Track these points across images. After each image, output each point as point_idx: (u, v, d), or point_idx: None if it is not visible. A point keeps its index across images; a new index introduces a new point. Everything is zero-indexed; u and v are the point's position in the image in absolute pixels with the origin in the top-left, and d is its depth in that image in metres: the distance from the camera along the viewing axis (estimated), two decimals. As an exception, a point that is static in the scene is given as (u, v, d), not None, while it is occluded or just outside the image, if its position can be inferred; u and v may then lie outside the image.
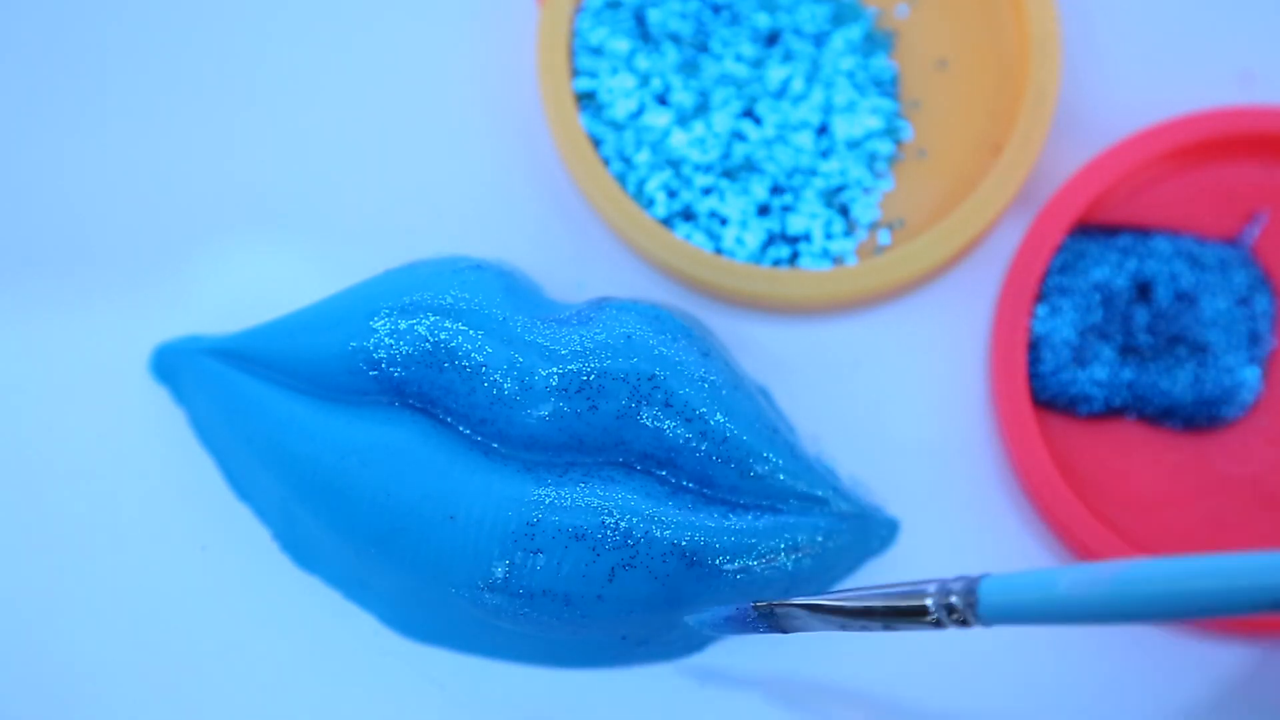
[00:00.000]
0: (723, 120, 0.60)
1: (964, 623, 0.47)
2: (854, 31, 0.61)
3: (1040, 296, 0.59)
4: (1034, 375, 0.58)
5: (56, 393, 0.59)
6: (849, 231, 0.60)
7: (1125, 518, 0.58)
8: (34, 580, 0.58)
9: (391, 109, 0.62)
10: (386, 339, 0.54)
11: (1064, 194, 0.59)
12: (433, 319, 0.54)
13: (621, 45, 0.60)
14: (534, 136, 0.62)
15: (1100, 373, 0.58)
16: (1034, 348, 0.59)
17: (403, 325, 0.54)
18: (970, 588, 0.46)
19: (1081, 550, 0.57)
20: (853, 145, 0.60)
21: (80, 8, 0.62)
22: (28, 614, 0.58)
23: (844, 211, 0.60)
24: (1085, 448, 0.59)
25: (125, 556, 0.58)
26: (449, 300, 0.54)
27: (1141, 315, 0.59)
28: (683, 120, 0.60)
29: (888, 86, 0.61)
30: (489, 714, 0.57)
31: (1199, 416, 0.58)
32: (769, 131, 0.60)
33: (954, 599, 0.46)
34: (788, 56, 0.61)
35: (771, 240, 0.59)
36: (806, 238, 0.59)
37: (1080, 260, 0.59)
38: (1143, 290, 0.59)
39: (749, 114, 0.60)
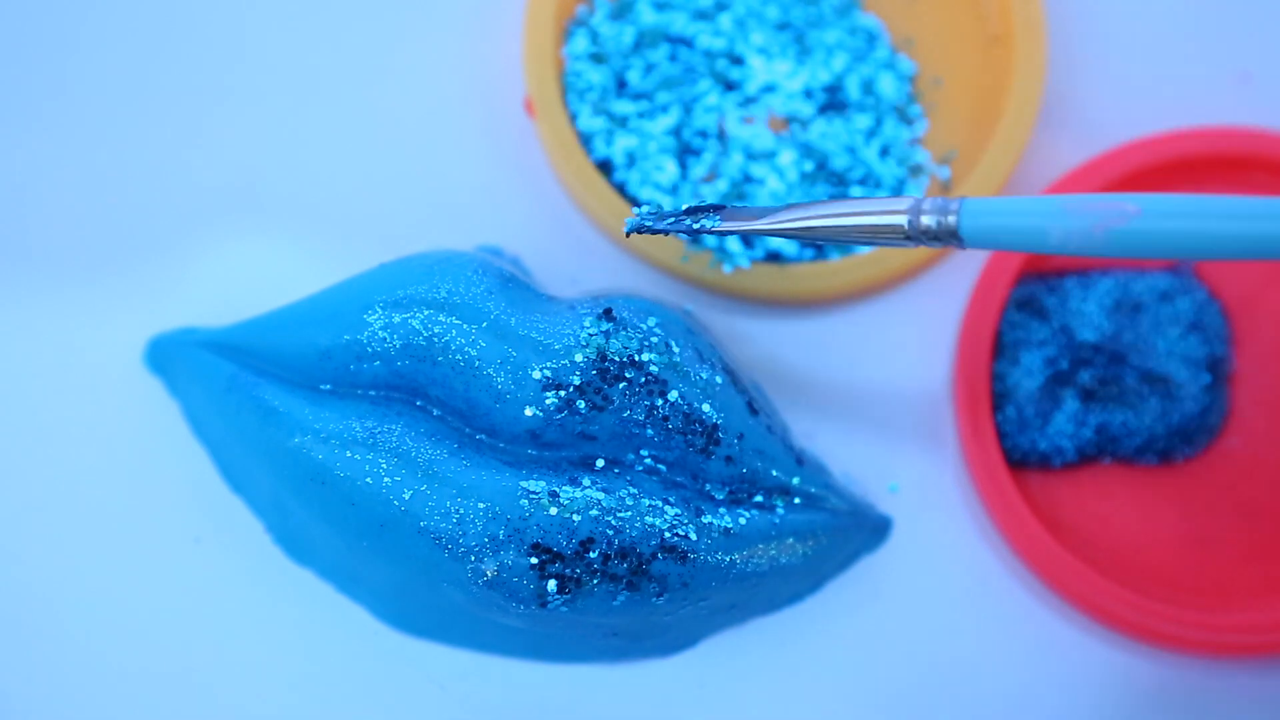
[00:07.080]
0: (709, 112, 0.60)
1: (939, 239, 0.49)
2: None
3: (997, 352, 0.59)
4: (1003, 435, 0.58)
5: (51, 384, 0.59)
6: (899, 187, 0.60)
7: (1115, 560, 0.58)
8: (26, 571, 0.58)
9: (386, 103, 0.62)
10: (380, 332, 0.54)
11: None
12: (427, 313, 0.54)
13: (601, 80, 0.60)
14: (527, 131, 0.61)
15: (1065, 424, 0.58)
16: (998, 405, 0.58)
17: (396, 319, 0.54)
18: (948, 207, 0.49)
19: (1075, 599, 0.57)
20: (876, 107, 0.60)
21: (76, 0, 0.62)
22: (20, 604, 0.58)
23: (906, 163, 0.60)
24: (1067, 499, 0.59)
25: (118, 548, 0.58)
26: (443, 294, 0.54)
27: (1097, 358, 0.59)
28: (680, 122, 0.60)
29: (879, 40, 0.61)
30: (484, 710, 0.57)
31: (1173, 448, 0.58)
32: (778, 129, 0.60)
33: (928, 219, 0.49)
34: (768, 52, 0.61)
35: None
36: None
37: (1028, 311, 0.59)
38: (1095, 334, 0.59)
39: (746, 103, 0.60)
